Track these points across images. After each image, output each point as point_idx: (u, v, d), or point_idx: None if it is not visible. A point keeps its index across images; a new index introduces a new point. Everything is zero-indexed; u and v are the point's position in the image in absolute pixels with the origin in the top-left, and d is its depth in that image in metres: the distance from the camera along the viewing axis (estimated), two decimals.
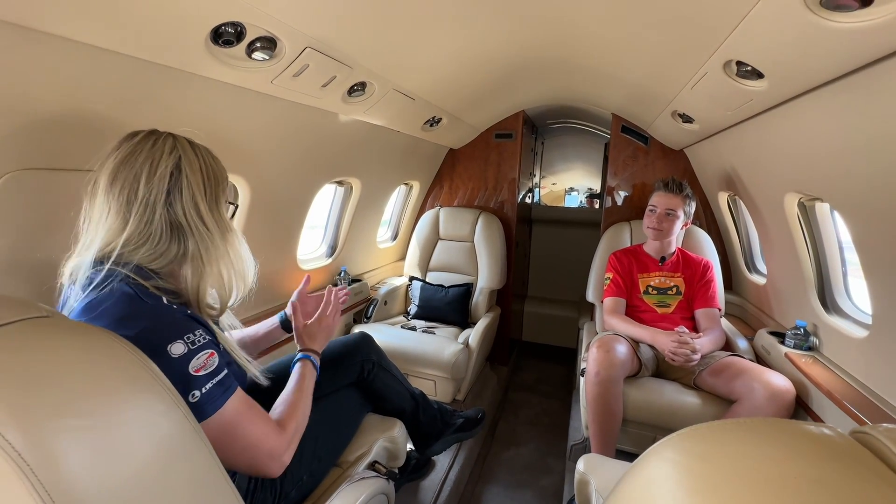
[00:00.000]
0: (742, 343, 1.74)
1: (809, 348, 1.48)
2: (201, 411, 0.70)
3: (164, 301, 0.75)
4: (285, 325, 1.20)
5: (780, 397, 1.32)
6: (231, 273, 0.85)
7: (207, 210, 0.80)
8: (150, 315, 0.70)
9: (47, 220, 0.92)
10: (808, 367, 1.35)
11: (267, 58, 1.03)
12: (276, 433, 0.84)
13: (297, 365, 1.02)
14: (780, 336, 1.59)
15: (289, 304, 1.18)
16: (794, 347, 1.49)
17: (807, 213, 1.46)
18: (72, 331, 0.52)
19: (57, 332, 0.51)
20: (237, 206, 0.93)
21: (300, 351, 1.07)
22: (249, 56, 1.00)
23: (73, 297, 0.74)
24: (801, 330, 1.50)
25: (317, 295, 1.22)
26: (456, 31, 1.30)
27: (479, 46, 1.47)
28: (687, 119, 1.73)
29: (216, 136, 0.97)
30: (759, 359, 1.66)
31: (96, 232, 0.75)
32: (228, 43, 0.93)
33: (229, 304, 0.87)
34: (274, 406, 0.92)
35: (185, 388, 0.68)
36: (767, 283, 1.89)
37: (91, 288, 0.71)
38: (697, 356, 1.51)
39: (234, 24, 0.90)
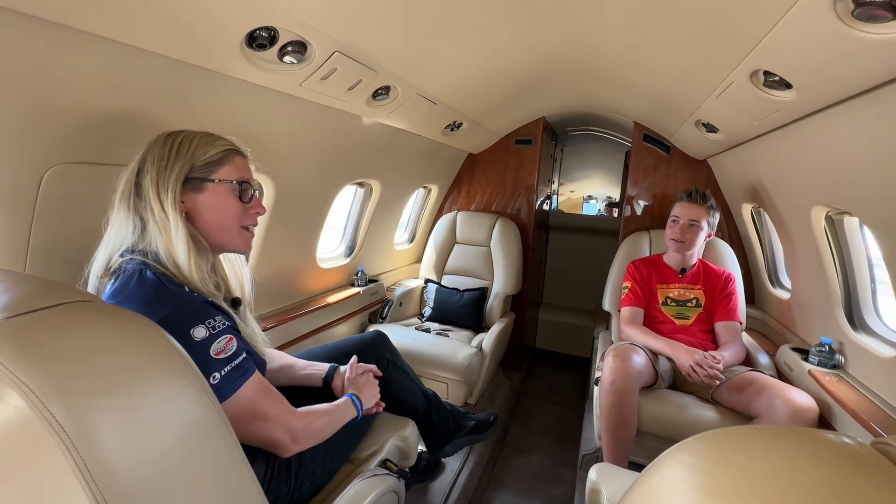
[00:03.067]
0: (763, 358, 1.70)
1: (835, 366, 1.44)
2: (220, 393, 0.74)
3: (186, 290, 0.78)
4: (328, 378, 1.20)
5: (802, 415, 1.28)
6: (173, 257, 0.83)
7: (155, 194, 0.81)
8: (173, 300, 0.74)
9: (88, 212, 0.96)
10: (832, 386, 1.31)
11: (297, 61, 1.06)
12: (294, 414, 0.88)
13: (345, 399, 1.09)
14: (804, 353, 1.55)
15: (346, 369, 1.22)
16: (818, 365, 1.45)
17: (834, 227, 1.42)
18: (110, 314, 0.55)
19: (96, 315, 0.54)
20: (238, 181, 0.90)
21: (351, 391, 1.14)
22: (281, 59, 1.03)
23: (98, 283, 0.80)
24: (826, 347, 1.45)
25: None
26: (479, 37, 1.32)
27: (502, 53, 1.49)
28: (711, 129, 1.71)
29: (244, 136, 1.00)
30: (781, 375, 1.61)
31: (112, 226, 0.83)
32: (262, 46, 0.97)
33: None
34: (302, 409, 0.96)
35: (206, 370, 0.72)
36: (791, 298, 1.84)
37: (119, 275, 0.76)
38: (717, 383, 1.49)
39: (267, 29, 0.93)
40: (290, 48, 1.01)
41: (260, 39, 0.95)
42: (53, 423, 0.45)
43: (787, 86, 1.02)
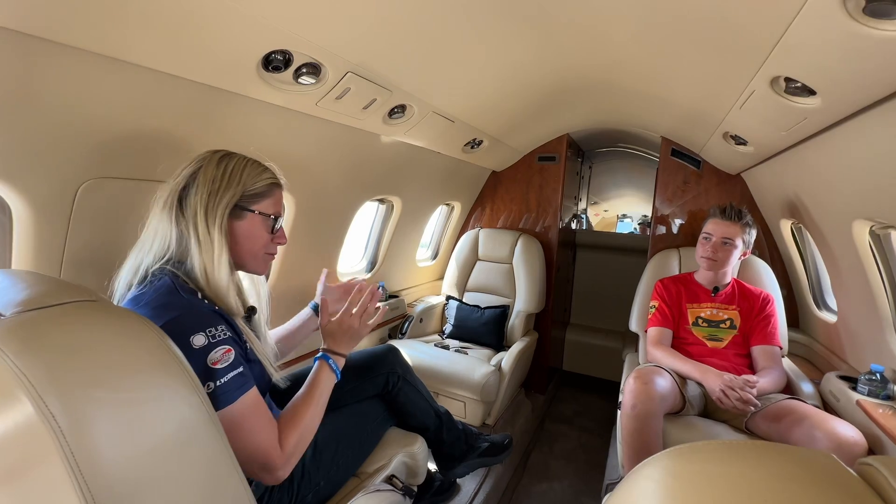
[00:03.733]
0: (807, 387, 1.56)
1: (888, 397, 1.29)
2: (215, 402, 0.74)
3: (199, 297, 0.82)
4: (318, 311, 1.19)
5: (847, 449, 1.16)
6: (209, 276, 0.85)
7: (203, 216, 0.84)
8: (181, 307, 0.77)
9: (118, 223, 1.04)
10: (884, 419, 1.18)
11: (312, 82, 1.12)
12: (274, 448, 0.82)
13: (315, 366, 0.99)
14: (852, 381, 1.41)
15: (317, 294, 1.19)
16: (867, 395, 1.31)
17: (880, 242, 1.31)
18: (111, 313, 0.59)
19: (99, 314, 0.57)
20: (274, 216, 0.95)
21: (321, 349, 1.02)
22: (296, 80, 1.09)
23: (125, 286, 0.84)
24: (877, 375, 1.31)
25: (345, 288, 1.22)
26: (494, 54, 1.34)
27: (519, 69, 1.51)
28: (740, 141, 1.64)
29: (265, 154, 1.05)
30: (826, 406, 1.47)
31: (154, 234, 0.86)
32: (277, 69, 1.03)
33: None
34: (282, 412, 0.91)
35: (203, 378, 0.73)
36: (838, 322, 1.69)
37: (142, 282, 0.81)
38: (751, 409, 1.37)
39: (282, 52, 0.99)
40: (304, 70, 1.07)
41: (275, 62, 1.01)
42: (47, 413, 0.48)
43: (811, 92, 0.96)
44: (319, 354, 1.00)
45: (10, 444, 0.49)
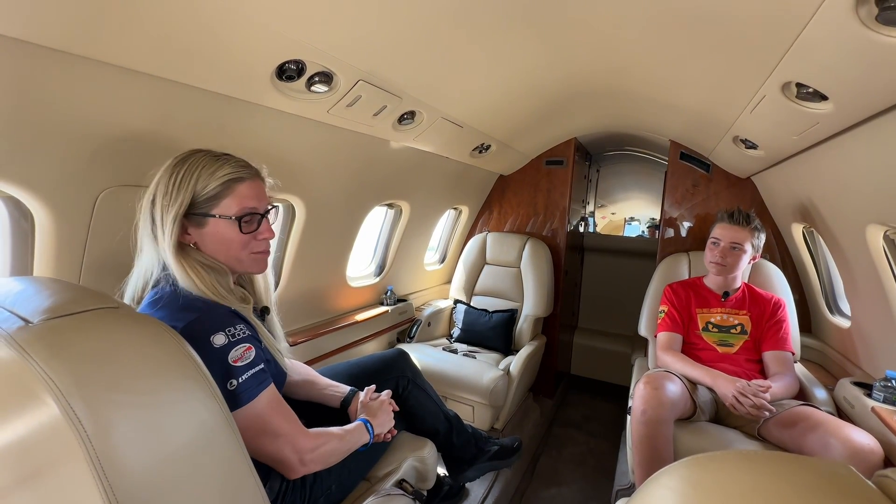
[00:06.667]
0: (820, 393, 1.54)
1: None
2: (238, 399, 0.76)
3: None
4: (345, 402, 1.19)
5: (863, 457, 1.14)
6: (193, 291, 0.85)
7: (160, 219, 0.84)
8: (199, 309, 0.79)
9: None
10: None
11: (324, 90, 1.14)
12: (304, 434, 0.88)
13: (358, 423, 1.08)
14: (867, 387, 1.39)
15: (364, 392, 1.21)
16: (883, 402, 1.29)
17: (895, 247, 1.29)
18: (133, 320, 0.60)
19: (121, 321, 0.59)
20: (237, 216, 0.89)
21: (362, 416, 1.13)
22: (309, 89, 1.11)
23: (136, 294, 0.87)
24: (893, 382, 1.30)
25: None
26: (502, 60, 1.35)
27: (527, 75, 1.51)
28: (750, 145, 1.63)
29: (276, 160, 1.08)
30: (840, 412, 1.45)
31: (144, 251, 0.89)
32: (291, 78, 1.04)
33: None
34: (314, 430, 0.96)
35: (225, 376, 0.75)
36: (852, 327, 1.67)
37: (156, 287, 0.83)
38: (766, 414, 1.36)
39: (295, 62, 1.01)
40: (317, 78, 1.09)
41: (289, 71, 1.03)
42: (73, 417, 0.50)
43: (823, 97, 0.96)
44: (363, 419, 1.11)
45: (37, 447, 0.51)
